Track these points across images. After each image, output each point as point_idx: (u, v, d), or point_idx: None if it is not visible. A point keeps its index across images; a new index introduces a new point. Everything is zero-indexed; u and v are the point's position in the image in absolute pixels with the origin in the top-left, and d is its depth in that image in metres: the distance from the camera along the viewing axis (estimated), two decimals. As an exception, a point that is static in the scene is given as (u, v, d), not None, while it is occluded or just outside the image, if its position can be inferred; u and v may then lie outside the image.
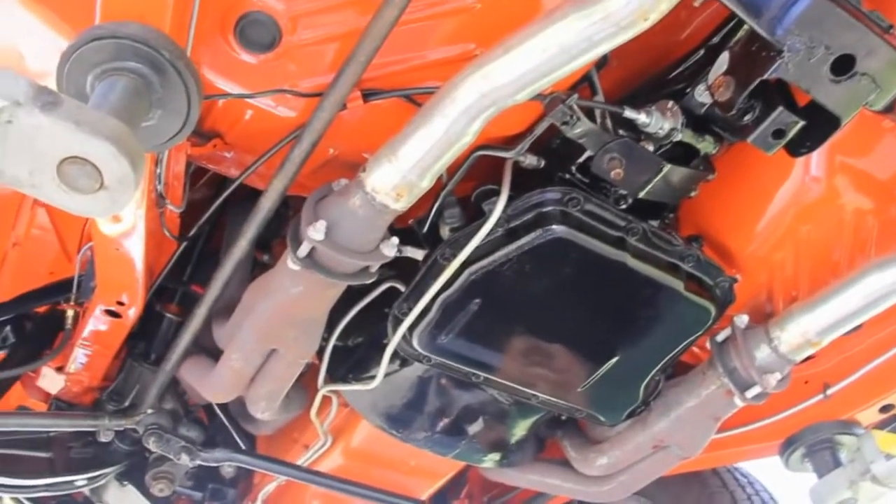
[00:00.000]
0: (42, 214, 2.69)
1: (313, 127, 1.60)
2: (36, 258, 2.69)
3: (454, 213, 1.77)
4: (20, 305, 2.43)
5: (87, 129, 1.16)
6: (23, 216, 2.68)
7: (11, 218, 2.66)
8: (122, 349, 2.48)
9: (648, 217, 1.84)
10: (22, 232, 2.67)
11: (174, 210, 1.88)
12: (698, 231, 2.00)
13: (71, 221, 2.55)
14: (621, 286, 1.82)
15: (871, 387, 2.16)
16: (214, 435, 2.60)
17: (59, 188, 1.23)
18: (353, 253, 1.61)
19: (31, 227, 2.67)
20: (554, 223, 1.70)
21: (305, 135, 1.62)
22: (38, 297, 2.42)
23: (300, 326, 1.80)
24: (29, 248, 2.68)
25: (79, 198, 1.24)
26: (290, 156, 1.65)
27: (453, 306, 1.80)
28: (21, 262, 2.68)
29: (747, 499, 2.73)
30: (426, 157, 1.47)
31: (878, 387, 2.15)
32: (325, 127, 1.60)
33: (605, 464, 2.21)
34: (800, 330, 1.87)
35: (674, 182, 1.75)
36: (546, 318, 1.87)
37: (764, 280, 2.05)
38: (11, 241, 2.69)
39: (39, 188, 1.24)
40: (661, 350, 1.97)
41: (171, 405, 2.47)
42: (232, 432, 2.57)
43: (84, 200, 1.24)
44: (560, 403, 2.06)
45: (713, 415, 2.05)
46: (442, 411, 2.15)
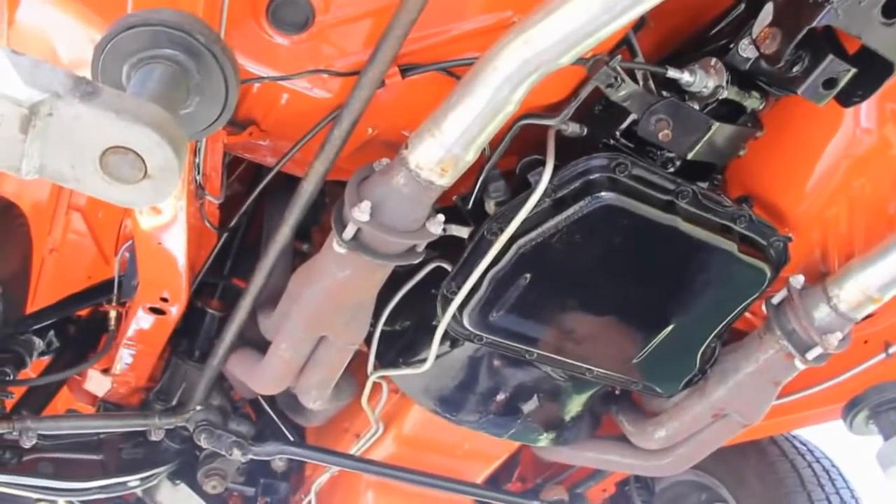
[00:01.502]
0: (77, 219, 2.69)
1: (352, 106, 1.57)
2: (74, 263, 2.70)
3: (499, 186, 1.73)
4: (62, 309, 2.43)
5: (128, 117, 1.14)
6: (58, 222, 2.68)
7: (47, 224, 2.66)
8: (165, 348, 2.48)
9: (697, 179, 1.79)
10: (58, 238, 2.68)
11: (213, 201, 1.86)
12: (747, 192, 1.95)
13: (107, 224, 2.55)
14: (674, 251, 1.78)
15: (934, 343, 2.10)
16: (263, 428, 2.58)
17: (103, 180, 1.20)
18: (400, 232, 1.58)
19: (67, 233, 2.68)
20: (602, 190, 1.66)
21: (345, 115, 1.58)
22: (79, 300, 2.42)
23: (349, 311, 1.77)
24: (66, 254, 2.69)
25: (123, 188, 1.21)
26: (331, 137, 1.62)
27: (503, 282, 1.76)
28: (59, 268, 2.69)
29: (808, 466, 2.67)
30: (470, 129, 1.43)
31: (941, 342, 2.09)
32: (365, 106, 1.57)
33: (664, 436, 2.16)
34: (859, 287, 1.81)
35: (722, 141, 1.70)
36: (598, 289, 1.83)
37: (818, 238, 1.99)
38: (48, 248, 2.70)
39: (82, 181, 1.22)
40: (716, 315, 1.92)
41: (219, 401, 2.46)
42: (280, 426, 2.56)
43: (128, 191, 1.21)
44: (615, 376, 2.02)
45: (773, 379, 2.00)
46: (495, 391, 2.11)
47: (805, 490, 2.58)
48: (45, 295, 2.58)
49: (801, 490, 2.58)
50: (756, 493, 2.68)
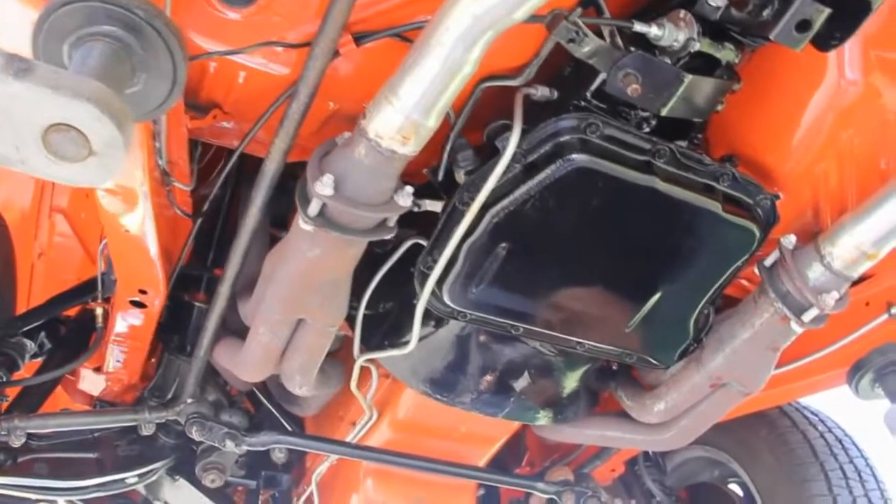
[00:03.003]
0: (61, 221, 2.69)
1: (307, 79, 1.54)
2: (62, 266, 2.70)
3: (467, 155, 1.69)
4: (49, 310, 2.43)
5: (66, 92, 1.11)
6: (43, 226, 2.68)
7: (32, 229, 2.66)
8: (157, 345, 2.47)
9: (675, 139, 1.73)
10: (45, 242, 2.68)
11: (183, 188, 1.83)
12: (732, 151, 1.88)
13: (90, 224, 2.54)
14: (655, 214, 1.72)
15: (938, 299, 2.02)
16: (262, 421, 2.56)
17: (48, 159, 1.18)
18: (366, 206, 1.55)
19: (53, 236, 2.67)
20: (573, 152, 1.60)
21: (301, 88, 1.56)
22: (65, 299, 2.41)
23: (323, 291, 1.74)
24: (54, 257, 2.69)
25: (69, 167, 1.19)
26: (289, 112, 1.59)
27: (479, 253, 1.72)
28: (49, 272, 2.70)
29: (820, 436, 2.59)
30: (428, 93, 1.39)
31: (946, 298, 2.01)
32: (319, 77, 1.55)
33: (663, 409, 2.10)
34: (853, 242, 1.74)
35: (697, 96, 1.63)
36: (580, 257, 1.78)
37: (808, 196, 1.92)
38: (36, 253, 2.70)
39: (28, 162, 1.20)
40: (706, 280, 1.86)
41: (214, 396, 2.44)
42: (278, 416, 2.53)
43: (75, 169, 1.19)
44: (607, 349, 1.96)
45: (771, 345, 1.93)
46: (485, 370, 2.06)
47: (818, 460, 2.51)
48: (39, 299, 2.58)
49: (813, 460, 2.51)
50: (768, 465, 2.60)
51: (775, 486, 2.56)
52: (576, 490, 2.49)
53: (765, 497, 2.61)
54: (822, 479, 2.45)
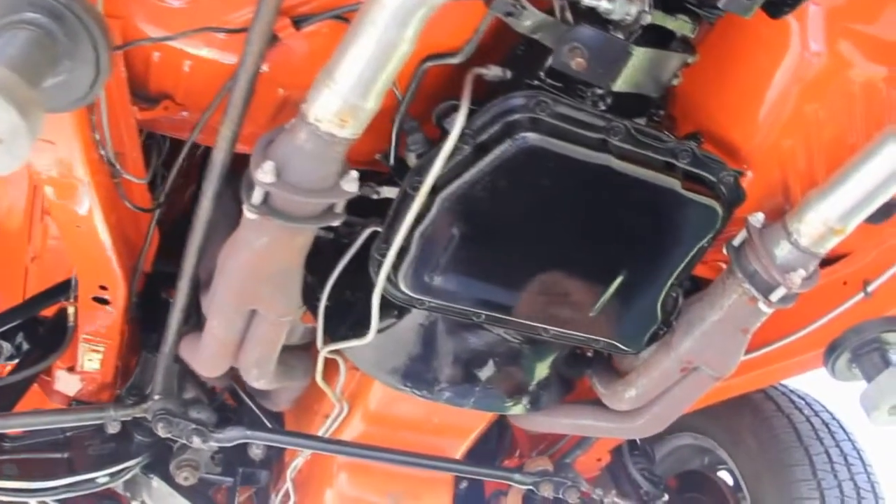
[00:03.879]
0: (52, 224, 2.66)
1: (246, 64, 1.52)
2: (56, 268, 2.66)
3: (418, 138, 1.65)
4: (25, 311, 2.40)
5: None
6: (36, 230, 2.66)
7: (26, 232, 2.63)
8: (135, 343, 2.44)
9: (634, 116, 1.68)
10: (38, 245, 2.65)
11: (135, 181, 1.80)
12: (698, 128, 1.83)
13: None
14: (613, 193, 1.67)
15: (915, 275, 1.96)
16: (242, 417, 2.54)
17: (-48, 149, 1.16)
18: (309, 192, 1.52)
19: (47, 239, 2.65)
20: (523, 131, 1.56)
21: (240, 74, 1.53)
22: (41, 299, 2.39)
23: (274, 281, 1.70)
24: (48, 260, 2.66)
25: (-28, 156, 1.17)
26: (231, 99, 1.56)
27: (432, 239, 1.68)
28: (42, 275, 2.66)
29: (805, 420, 2.53)
30: (365, 74, 1.37)
31: (922, 274, 1.95)
32: (258, 63, 1.52)
33: (634, 395, 2.05)
34: (820, 218, 1.69)
35: (649, 70, 1.59)
36: (536, 240, 1.73)
37: (777, 173, 1.87)
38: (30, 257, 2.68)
39: (-66, 153, 1.18)
40: (670, 261, 1.81)
41: (193, 393, 2.42)
42: (257, 412, 2.51)
43: (-21, 157, 1.17)
44: (573, 335, 1.91)
45: (740, 326, 1.88)
46: (449, 359, 2.02)
47: (802, 445, 2.45)
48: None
49: (797, 445, 2.45)
50: (751, 451, 2.55)
51: (759, 472, 2.51)
52: (554, 480, 2.44)
53: (749, 483, 2.56)
54: (807, 463, 2.40)
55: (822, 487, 2.36)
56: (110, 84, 1.65)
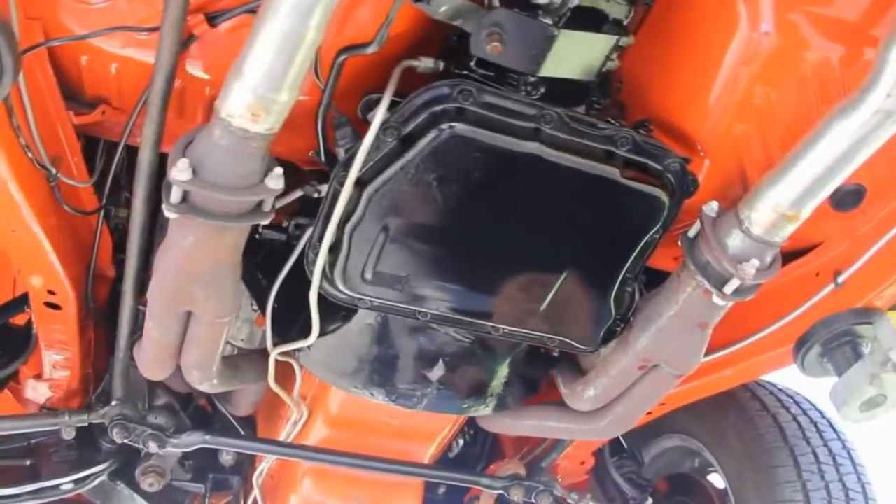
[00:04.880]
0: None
1: (160, 63, 1.49)
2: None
3: (345, 133, 1.60)
4: (-7, 318, 2.39)
5: None
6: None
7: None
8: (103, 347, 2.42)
9: (572, 104, 1.62)
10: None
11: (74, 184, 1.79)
12: (648, 115, 1.76)
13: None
14: (550, 184, 1.61)
15: (886, 264, 1.86)
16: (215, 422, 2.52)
17: None
18: (229, 189, 1.48)
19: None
20: (448, 121, 1.51)
21: (156, 73, 1.50)
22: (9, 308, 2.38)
23: (206, 282, 1.66)
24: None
25: None
26: (150, 99, 1.53)
27: (363, 235, 1.64)
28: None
29: (792, 419, 2.42)
30: (273, 67, 1.33)
31: (893, 263, 1.85)
32: (173, 61, 1.49)
33: (593, 395, 1.98)
34: (770, 205, 1.60)
35: (577, 53, 1.53)
36: (474, 235, 1.67)
37: (732, 161, 1.79)
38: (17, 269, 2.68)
39: None
40: (618, 254, 1.74)
41: (165, 399, 2.40)
42: (229, 417, 2.48)
43: None
44: (524, 333, 1.85)
45: (697, 321, 1.80)
46: (398, 360, 1.96)
47: (787, 445, 2.35)
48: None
49: (782, 445, 2.35)
50: (735, 452, 2.45)
51: (742, 474, 2.41)
52: (525, 484, 2.37)
53: (733, 485, 2.46)
54: (791, 464, 2.30)
55: (807, 489, 2.26)
56: (39, 87, 1.64)
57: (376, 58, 1.57)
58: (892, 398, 1.87)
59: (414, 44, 1.61)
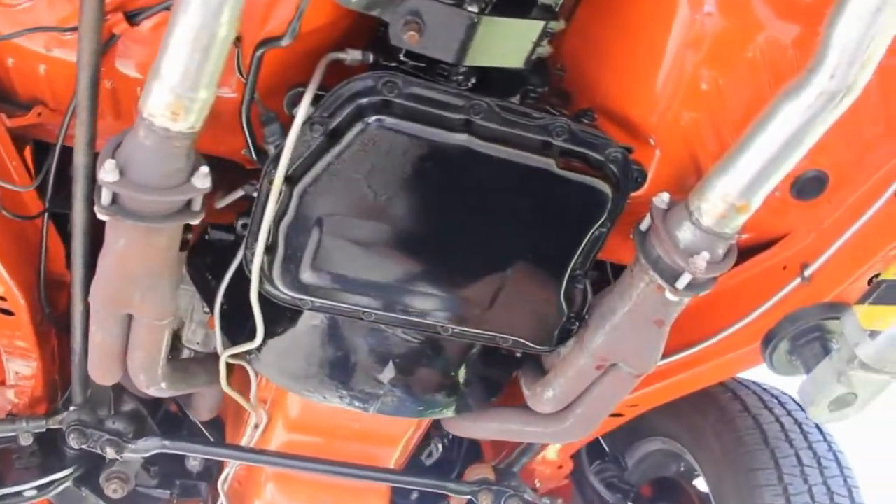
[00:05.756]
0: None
1: (82, 62, 1.48)
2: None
3: (273, 129, 1.56)
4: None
5: None
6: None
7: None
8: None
9: (506, 94, 1.56)
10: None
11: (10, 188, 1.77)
12: (594, 105, 1.69)
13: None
14: (486, 178, 1.56)
15: (853, 257, 1.78)
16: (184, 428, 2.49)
17: None
18: (157, 190, 1.45)
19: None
20: (373, 113, 1.46)
21: (80, 73, 1.48)
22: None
23: (143, 284, 1.63)
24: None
25: None
26: (78, 101, 1.51)
27: (297, 233, 1.60)
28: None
29: (775, 420, 2.33)
30: (189, 65, 1.30)
31: (861, 255, 1.77)
32: (95, 61, 1.47)
33: (553, 396, 1.91)
34: (719, 195, 1.52)
35: (503, 40, 1.46)
36: (409, 231, 1.62)
37: (684, 150, 1.72)
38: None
39: None
40: (563, 249, 1.68)
41: (132, 405, 2.38)
42: (197, 423, 2.45)
43: None
44: (475, 333, 1.79)
45: (652, 318, 1.72)
46: (347, 362, 1.91)
47: (768, 447, 2.25)
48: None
49: (762, 447, 2.26)
50: (714, 454, 2.36)
51: (723, 477, 2.32)
52: (494, 489, 2.30)
53: (714, 489, 2.37)
54: (772, 467, 2.20)
55: (788, 493, 2.17)
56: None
57: (303, 52, 1.53)
58: (862, 397, 1.79)
59: (342, 36, 1.56)
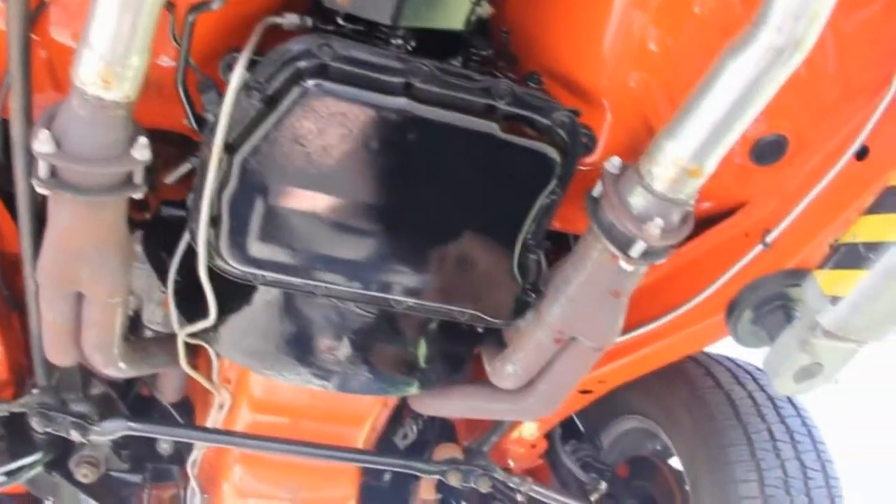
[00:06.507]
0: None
1: (12, 30, 1.44)
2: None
3: (211, 97, 1.53)
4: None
5: None
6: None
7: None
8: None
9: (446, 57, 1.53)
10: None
11: None
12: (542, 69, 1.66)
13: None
14: (430, 144, 1.53)
15: (815, 222, 1.74)
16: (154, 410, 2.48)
17: None
18: (93, 161, 1.43)
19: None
20: (309, 78, 1.43)
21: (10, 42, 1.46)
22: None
23: (89, 261, 1.60)
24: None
25: None
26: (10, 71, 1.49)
27: (241, 205, 1.57)
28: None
29: (747, 396, 2.29)
30: (118, 31, 1.29)
31: (822, 220, 1.72)
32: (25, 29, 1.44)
33: (513, 371, 1.87)
34: (670, 159, 1.48)
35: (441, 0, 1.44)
36: (353, 200, 1.59)
37: (636, 114, 1.69)
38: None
39: None
40: (512, 217, 1.65)
41: (100, 389, 2.36)
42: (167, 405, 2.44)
43: None
44: (430, 306, 1.76)
45: (609, 289, 1.69)
46: (303, 338, 1.88)
47: (740, 422, 2.21)
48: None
49: (734, 422, 2.22)
50: (685, 430, 2.32)
51: (695, 454, 2.28)
52: (462, 469, 2.28)
53: (687, 466, 2.34)
54: (744, 443, 2.16)
55: (760, 468, 2.13)
56: None
57: (241, 16, 1.51)
58: (828, 367, 1.75)
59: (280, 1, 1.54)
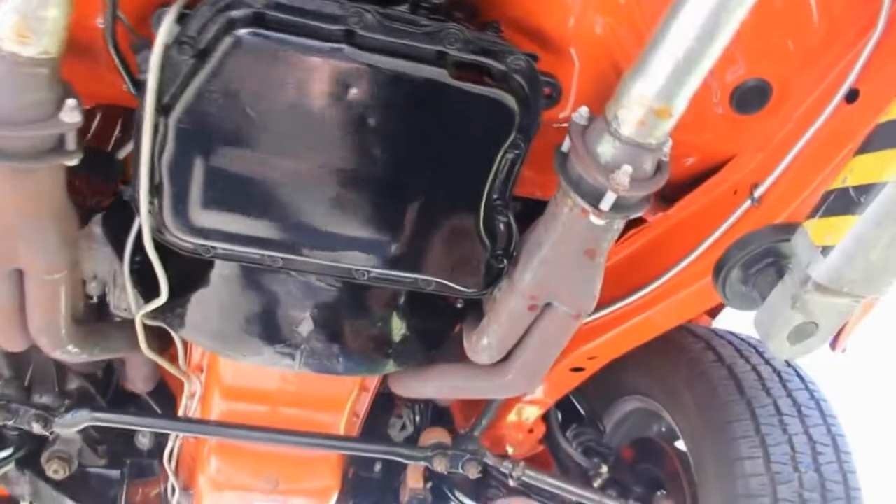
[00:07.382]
0: None
1: None
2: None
3: (145, 56, 1.43)
4: None
5: None
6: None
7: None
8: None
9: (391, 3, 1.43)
10: None
11: None
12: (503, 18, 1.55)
13: None
14: (377, 96, 1.42)
15: (804, 173, 1.61)
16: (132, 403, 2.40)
17: None
18: (15, 124, 1.34)
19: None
20: (243, 27, 1.34)
21: None
22: None
23: (24, 234, 1.52)
24: None
25: None
26: None
27: (181, 170, 1.47)
28: None
29: (751, 370, 2.15)
30: None
31: (811, 170, 1.60)
32: None
33: (488, 344, 1.76)
34: (636, 99, 1.36)
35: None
36: (301, 161, 1.49)
37: (606, 61, 1.57)
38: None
39: None
40: (473, 174, 1.53)
41: (77, 383, 2.28)
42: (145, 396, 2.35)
43: None
44: (395, 276, 1.65)
45: (583, 248, 1.57)
46: (263, 316, 1.78)
47: (744, 397, 2.07)
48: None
49: (738, 398, 2.08)
50: (688, 408, 2.19)
51: (697, 432, 2.15)
52: (450, 454, 2.16)
53: (690, 445, 2.21)
54: (748, 417, 2.03)
55: (766, 444, 1.99)
56: None
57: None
58: (824, 326, 1.60)
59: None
